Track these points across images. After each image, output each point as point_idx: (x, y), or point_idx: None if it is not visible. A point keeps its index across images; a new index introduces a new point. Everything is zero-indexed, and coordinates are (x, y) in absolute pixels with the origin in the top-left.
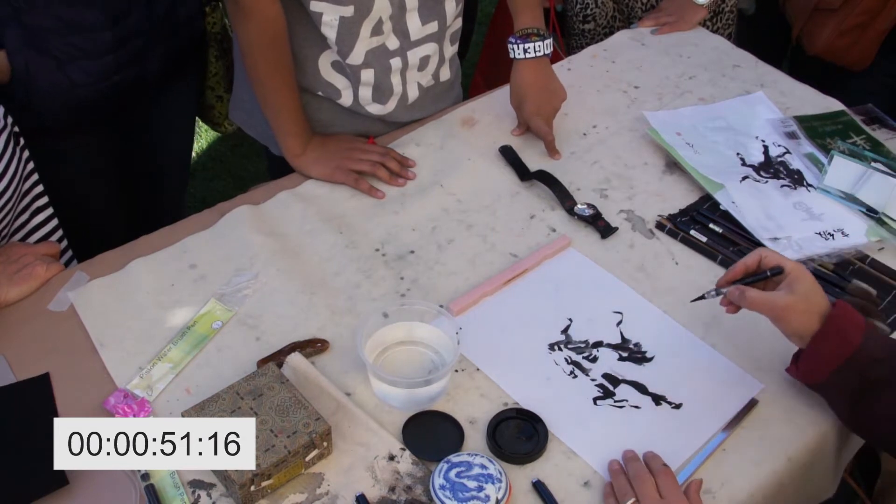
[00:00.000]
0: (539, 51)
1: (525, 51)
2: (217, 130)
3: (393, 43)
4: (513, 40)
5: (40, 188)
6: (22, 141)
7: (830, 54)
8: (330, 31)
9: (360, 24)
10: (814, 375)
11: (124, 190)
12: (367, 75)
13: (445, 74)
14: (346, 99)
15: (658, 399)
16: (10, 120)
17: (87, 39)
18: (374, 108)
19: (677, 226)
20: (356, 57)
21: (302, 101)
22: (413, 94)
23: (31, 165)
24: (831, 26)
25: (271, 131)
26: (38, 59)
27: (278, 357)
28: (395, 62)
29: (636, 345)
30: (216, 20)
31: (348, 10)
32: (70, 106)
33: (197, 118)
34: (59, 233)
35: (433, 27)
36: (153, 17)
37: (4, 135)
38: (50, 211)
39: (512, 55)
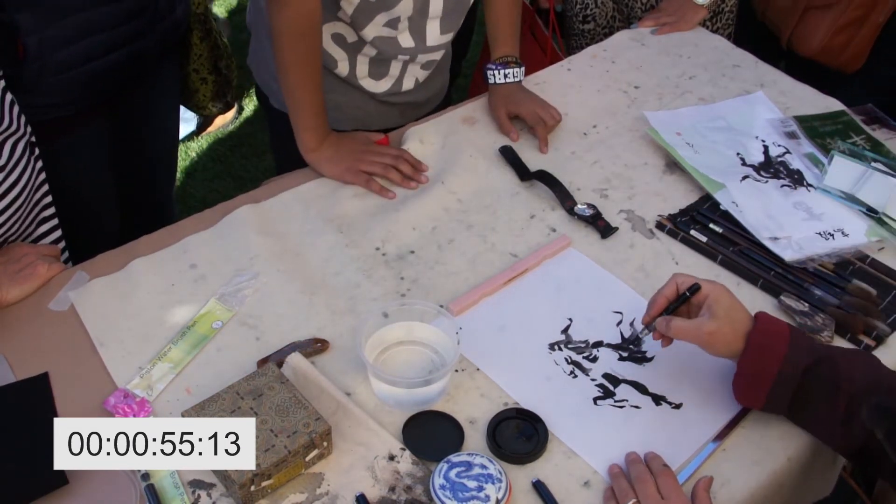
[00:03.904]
0: (517, 77)
1: (506, 76)
2: (201, 114)
3: (406, 41)
4: (493, 66)
5: (49, 199)
6: (37, 151)
7: (825, 55)
8: (349, 4)
9: (377, 12)
10: (750, 400)
11: (118, 182)
12: (370, 51)
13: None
14: (343, 70)
15: (658, 399)
16: (28, 129)
17: (101, 13)
18: (367, 84)
19: (677, 226)
20: (366, 35)
21: None
22: (408, 85)
23: (42, 176)
24: (827, 23)
25: (275, 84)
26: (53, 36)
27: (278, 357)
28: (404, 56)
29: (636, 345)
30: (200, 0)
31: None
32: (79, 81)
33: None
34: (58, 233)
35: (448, 37)
36: None
37: (22, 143)
38: (55, 222)
39: (492, 80)
